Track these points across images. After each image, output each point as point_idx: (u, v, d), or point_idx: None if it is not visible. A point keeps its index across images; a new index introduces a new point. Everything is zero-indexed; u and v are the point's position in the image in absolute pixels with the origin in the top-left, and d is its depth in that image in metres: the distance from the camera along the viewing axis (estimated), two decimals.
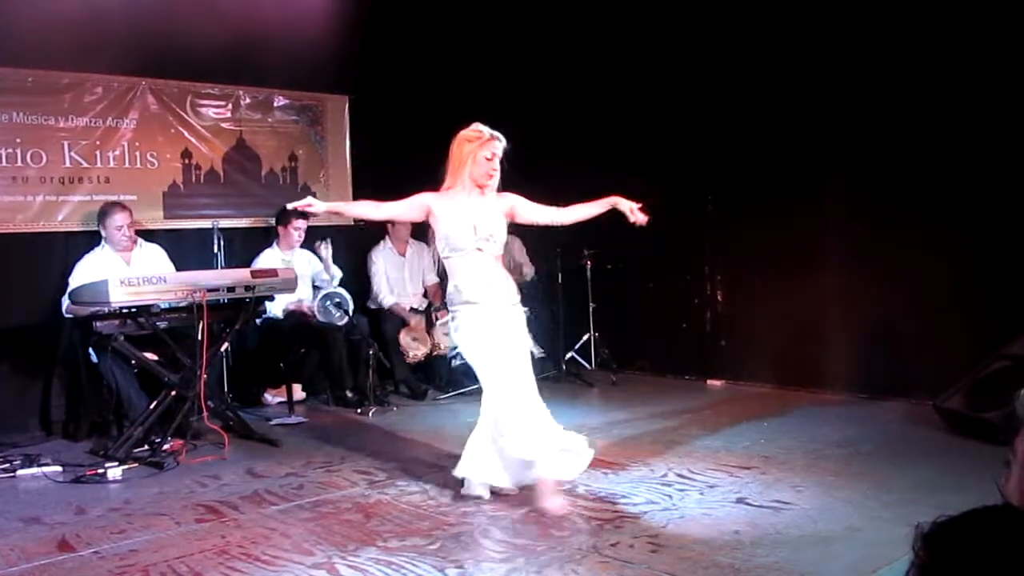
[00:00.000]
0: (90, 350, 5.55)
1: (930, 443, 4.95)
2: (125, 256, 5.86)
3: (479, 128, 4.17)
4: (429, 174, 4.29)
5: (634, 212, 4.38)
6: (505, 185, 4.30)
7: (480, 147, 4.13)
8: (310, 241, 6.76)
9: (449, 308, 4.28)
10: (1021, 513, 1.32)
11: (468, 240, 4.12)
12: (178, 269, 5.92)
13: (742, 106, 6.65)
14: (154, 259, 5.98)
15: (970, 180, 5.57)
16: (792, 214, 6.42)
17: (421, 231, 4.62)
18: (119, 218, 5.80)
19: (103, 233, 5.83)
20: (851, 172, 6.15)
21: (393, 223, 6.86)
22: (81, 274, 5.62)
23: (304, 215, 6.63)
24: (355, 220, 7.40)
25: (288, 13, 6.30)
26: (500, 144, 4.17)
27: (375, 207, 4.42)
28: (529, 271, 7.63)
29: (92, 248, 5.88)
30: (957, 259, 5.63)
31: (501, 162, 4.18)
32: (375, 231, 7.24)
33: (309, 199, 4.35)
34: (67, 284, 5.59)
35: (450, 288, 4.24)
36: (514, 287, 4.31)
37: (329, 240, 6.65)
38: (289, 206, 4.53)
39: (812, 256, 6.37)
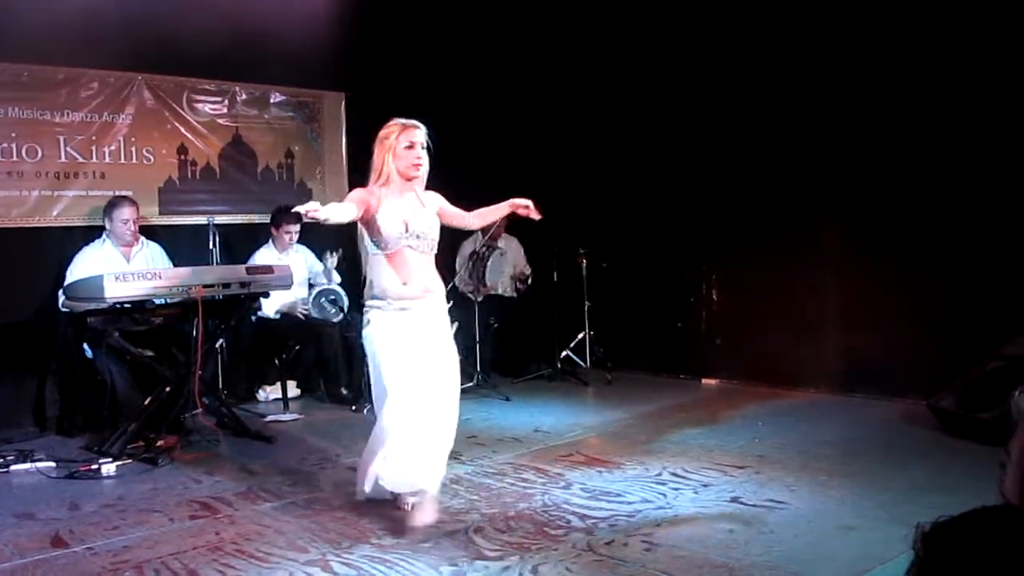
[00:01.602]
0: (85, 346, 5.54)
1: (924, 443, 4.97)
2: (126, 252, 5.84)
3: (393, 121, 4.00)
4: None
5: (530, 210, 4.20)
6: (496, 180, 4.26)
7: (397, 138, 3.94)
8: (304, 238, 6.77)
9: (365, 304, 4.03)
10: (1021, 513, 1.32)
11: (398, 237, 3.91)
12: (173, 265, 5.91)
13: (739, 107, 6.66)
14: (154, 259, 5.95)
15: (966, 182, 5.58)
16: (788, 214, 6.45)
17: None
18: (126, 212, 5.79)
19: (107, 226, 5.83)
20: (848, 172, 6.15)
21: None
22: (79, 268, 5.61)
23: (298, 218, 6.59)
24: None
25: (285, 10, 6.29)
26: (419, 132, 3.97)
27: (345, 206, 3.94)
28: (527, 271, 7.65)
29: (90, 241, 5.87)
30: (953, 260, 5.66)
31: (429, 151, 3.98)
32: None
33: (315, 204, 3.78)
34: (64, 277, 5.59)
35: (368, 283, 4.02)
36: (442, 289, 4.09)
37: (338, 252, 6.61)
38: (295, 209, 3.89)
39: (807, 255, 6.39)
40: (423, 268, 3.98)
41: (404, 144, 3.93)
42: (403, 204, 3.95)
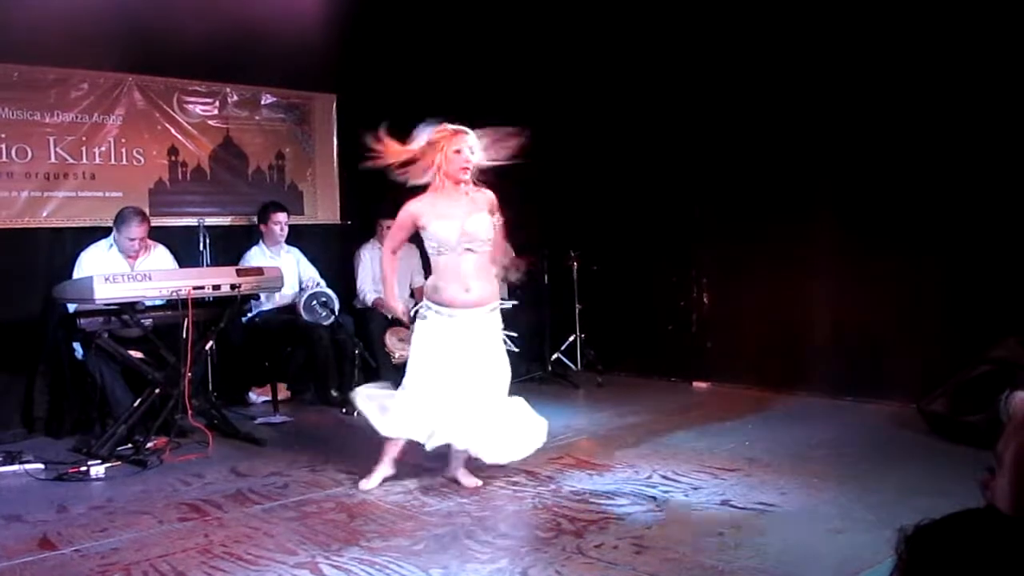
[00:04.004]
0: (75, 346, 5.51)
1: (914, 446, 4.98)
2: (130, 261, 5.74)
3: (444, 126, 4.25)
4: None
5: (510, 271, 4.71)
6: (487, 182, 4.33)
7: (448, 143, 4.21)
8: (295, 240, 6.78)
9: (424, 301, 4.37)
10: (1004, 516, 1.32)
11: (456, 241, 4.19)
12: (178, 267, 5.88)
13: (729, 109, 6.67)
14: (158, 263, 5.85)
15: (957, 185, 5.59)
16: (778, 217, 6.46)
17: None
18: (135, 231, 5.65)
19: (115, 234, 5.73)
20: (837, 176, 6.16)
21: (382, 224, 6.75)
22: (85, 269, 5.56)
23: (284, 208, 6.63)
24: (341, 217, 7.45)
25: (276, 11, 6.28)
26: (468, 136, 4.24)
27: (391, 258, 4.55)
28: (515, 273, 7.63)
29: (96, 240, 5.78)
30: (942, 262, 5.67)
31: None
32: (363, 228, 7.24)
33: (400, 310, 4.74)
34: (71, 275, 5.56)
35: (430, 282, 4.35)
36: (497, 290, 4.41)
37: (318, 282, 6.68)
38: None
39: (797, 259, 6.40)
40: (483, 272, 4.30)
41: (453, 148, 4.21)
42: (456, 207, 4.23)
